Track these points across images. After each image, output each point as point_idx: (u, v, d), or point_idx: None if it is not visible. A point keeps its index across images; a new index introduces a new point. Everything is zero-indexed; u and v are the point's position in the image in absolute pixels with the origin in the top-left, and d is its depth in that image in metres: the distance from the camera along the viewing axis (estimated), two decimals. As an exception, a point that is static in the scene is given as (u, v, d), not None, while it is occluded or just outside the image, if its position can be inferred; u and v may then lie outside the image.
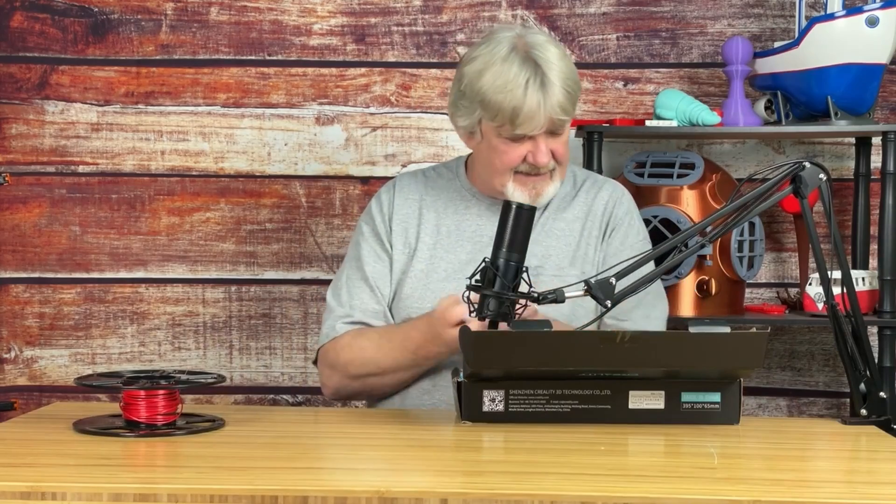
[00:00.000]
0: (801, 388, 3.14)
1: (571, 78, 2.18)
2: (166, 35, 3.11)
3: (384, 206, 2.35)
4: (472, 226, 2.30)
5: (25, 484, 1.52)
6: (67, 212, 3.12)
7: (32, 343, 3.14)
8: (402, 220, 2.32)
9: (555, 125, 2.16)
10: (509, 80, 2.13)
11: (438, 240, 2.30)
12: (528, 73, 2.14)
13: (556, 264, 2.26)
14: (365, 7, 3.11)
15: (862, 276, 2.86)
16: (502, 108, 2.14)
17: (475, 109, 2.19)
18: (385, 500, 1.50)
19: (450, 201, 2.33)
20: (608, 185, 2.39)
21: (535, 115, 2.13)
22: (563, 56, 2.19)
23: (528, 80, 2.13)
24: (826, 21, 2.77)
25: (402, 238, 2.31)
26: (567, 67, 2.18)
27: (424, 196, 2.34)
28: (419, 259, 2.29)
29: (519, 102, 2.13)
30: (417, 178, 2.38)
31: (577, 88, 2.19)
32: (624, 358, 1.87)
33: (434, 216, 2.32)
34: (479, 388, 1.92)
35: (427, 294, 2.25)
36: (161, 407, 1.86)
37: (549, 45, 2.18)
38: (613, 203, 2.35)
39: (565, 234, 2.30)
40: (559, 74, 2.15)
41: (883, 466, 1.78)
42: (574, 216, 2.32)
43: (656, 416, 1.93)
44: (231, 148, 3.12)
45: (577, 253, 2.29)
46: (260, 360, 3.14)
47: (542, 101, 2.13)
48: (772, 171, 2.04)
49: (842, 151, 3.12)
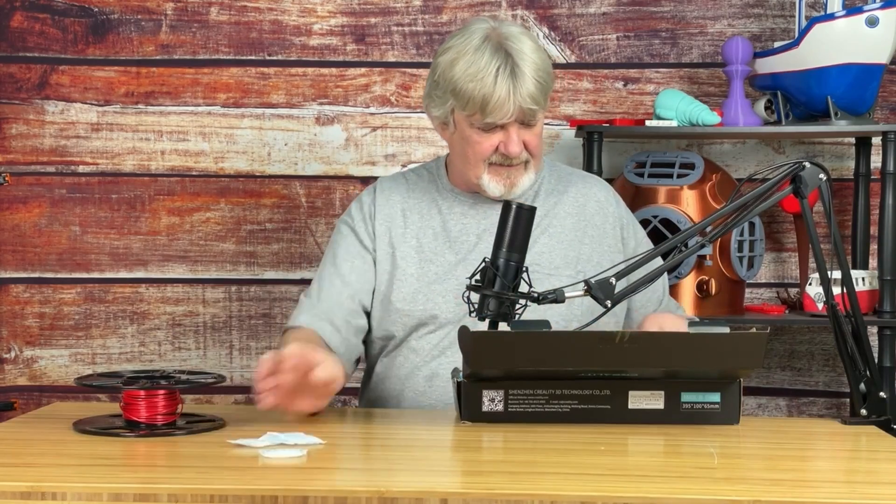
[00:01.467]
0: (800, 388, 3.14)
1: (543, 69, 2.18)
2: (166, 35, 3.11)
3: (365, 207, 2.33)
4: (457, 226, 2.29)
5: (25, 484, 1.52)
6: (67, 212, 3.12)
7: (32, 343, 3.14)
8: (385, 221, 2.30)
9: (525, 115, 2.17)
10: (480, 68, 2.15)
11: (424, 243, 2.28)
12: (498, 62, 2.14)
13: (549, 263, 2.26)
14: (365, 7, 3.11)
15: (862, 276, 2.86)
16: (473, 97, 2.15)
17: (448, 99, 2.20)
18: (385, 500, 1.50)
19: (432, 203, 2.32)
20: (597, 183, 2.39)
21: (504, 103, 2.14)
22: (537, 48, 2.19)
23: (499, 68, 2.14)
24: (826, 21, 2.77)
25: (385, 239, 2.29)
26: (539, 59, 2.18)
27: (407, 199, 2.32)
28: (409, 263, 2.26)
29: (489, 91, 2.14)
30: (398, 181, 2.36)
31: (548, 80, 2.19)
32: (623, 358, 1.87)
33: (418, 218, 2.30)
34: (478, 387, 1.92)
35: (419, 297, 2.24)
36: (161, 407, 1.86)
37: (523, 37, 2.19)
38: (611, 203, 2.35)
39: (558, 232, 2.30)
40: (531, 65, 2.15)
41: (883, 466, 1.78)
42: (566, 212, 2.32)
43: (656, 417, 1.93)
44: (231, 148, 3.12)
45: (569, 252, 2.28)
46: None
47: (512, 90, 2.13)
48: (772, 171, 2.04)
49: (842, 151, 3.12)
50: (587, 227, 2.31)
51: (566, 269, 2.25)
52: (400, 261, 2.27)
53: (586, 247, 2.29)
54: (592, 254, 2.28)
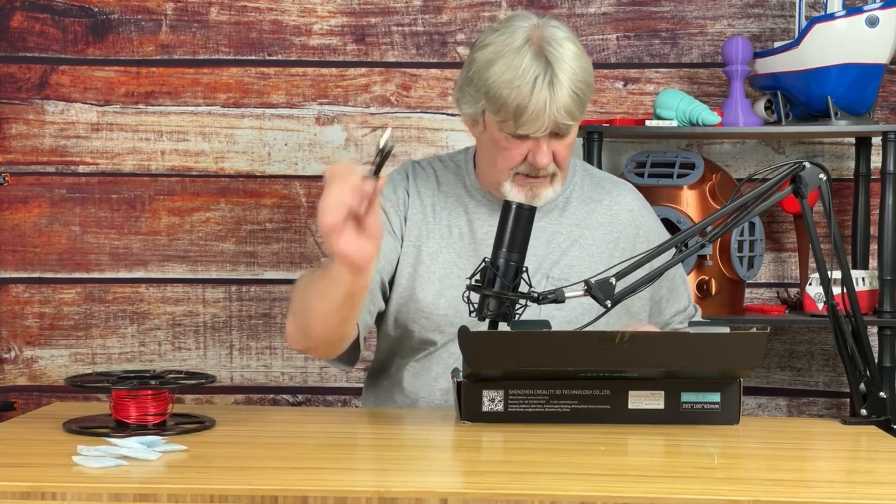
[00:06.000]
0: (800, 388, 3.14)
1: (583, 80, 2.08)
2: (166, 35, 3.11)
3: (398, 189, 2.25)
4: (483, 226, 2.23)
5: (25, 484, 1.52)
6: (67, 212, 3.12)
7: (32, 343, 3.14)
8: (417, 212, 2.24)
9: (559, 128, 2.09)
10: (517, 75, 2.05)
11: (451, 242, 2.23)
12: (537, 70, 2.04)
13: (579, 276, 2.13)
14: (365, 7, 3.11)
15: (862, 276, 2.86)
16: (507, 105, 2.06)
17: (480, 99, 2.11)
18: (385, 500, 1.50)
19: (459, 202, 2.25)
20: (630, 191, 2.33)
21: (539, 116, 2.05)
22: (580, 55, 2.09)
23: (537, 78, 2.04)
24: (826, 21, 2.77)
25: (415, 231, 2.23)
26: (580, 68, 2.08)
27: (436, 193, 2.26)
28: (433, 261, 2.21)
29: (524, 101, 2.04)
30: (429, 172, 2.29)
31: (587, 91, 2.09)
32: (623, 358, 1.87)
33: (446, 215, 2.24)
34: (478, 388, 1.92)
35: (440, 300, 2.20)
36: (150, 407, 1.85)
37: (566, 42, 2.08)
38: (643, 214, 2.31)
39: (589, 244, 2.23)
40: (570, 76, 2.05)
41: (883, 466, 1.78)
42: (598, 222, 2.25)
43: (656, 416, 1.93)
44: (231, 148, 3.12)
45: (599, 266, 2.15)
46: (260, 360, 3.14)
47: (549, 102, 2.04)
48: (772, 171, 2.04)
49: (842, 151, 3.12)
50: (619, 240, 2.24)
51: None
52: (423, 259, 2.21)
53: (616, 259, 2.19)
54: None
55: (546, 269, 2.19)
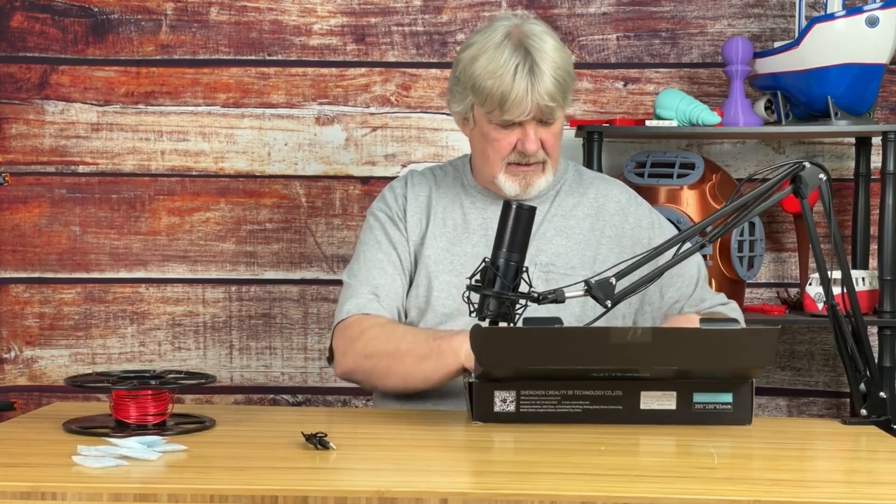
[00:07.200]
0: (800, 388, 3.14)
1: (563, 68, 2.19)
2: (166, 35, 3.11)
3: (398, 197, 2.35)
4: (477, 219, 2.31)
5: (25, 484, 1.52)
6: (67, 212, 3.12)
7: (32, 343, 3.14)
8: (415, 213, 2.33)
9: (543, 113, 2.18)
10: (499, 65, 2.16)
11: (444, 231, 2.30)
12: (517, 59, 2.16)
13: (566, 263, 2.27)
14: (365, 7, 3.11)
15: (862, 276, 2.86)
16: (491, 94, 2.17)
17: (467, 95, 2.22)
18: (385, 500, 1.50)
19: (455, 197, 2.34)
20: (619, 186, 2.39)
21: (522, 100, 2.15)
22: (559, 48, 2.20)
23: (518, 65, 2.15)
24: (826, 21, 2.77)
25: (416, 230, 2.32)
26: (560, 58, 2.19)
27: (433, 194, 2.35)
28: (431, 256, 2.29)
29: (507, 87, 2.15)
30: (427, 176, 2.39)
31: (568, 79, 2.20)
32: (635, 354, 1.86)
33: (441, 210, 2.33)
34: (490, 388, 1.92)
35: (434, 282, 2.26)
36: (150, 407, 1.85)
37: (545, 35, 2.20)
38: (632, 205, 2.35)
39: (575, 233, 2.30)
40: (550, 63, 2.16)
41: (883, 466, 1.78)
42: (584, 213, 2.32)
43: (668, 417, 1.92)
44: (231, 148, 3.12)
45: (586, 253, 2.28)
46: (260, 360, 3.14)
47: (530, 87, 2.15)
48: (772, 171, 2.04)
49: (842, 151, 3.12)
50: (605, 228, 2.31)
51: (582, 269, 2.24)
52: (424, 253, 2.29)
53: (603, 247, 2.29)
54: (609, 255, 2.27)
55: (532, 255, 2.23)
